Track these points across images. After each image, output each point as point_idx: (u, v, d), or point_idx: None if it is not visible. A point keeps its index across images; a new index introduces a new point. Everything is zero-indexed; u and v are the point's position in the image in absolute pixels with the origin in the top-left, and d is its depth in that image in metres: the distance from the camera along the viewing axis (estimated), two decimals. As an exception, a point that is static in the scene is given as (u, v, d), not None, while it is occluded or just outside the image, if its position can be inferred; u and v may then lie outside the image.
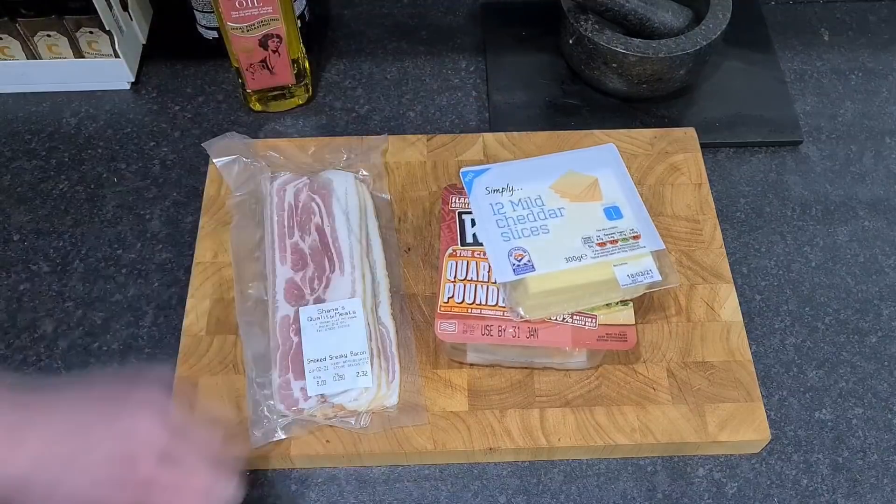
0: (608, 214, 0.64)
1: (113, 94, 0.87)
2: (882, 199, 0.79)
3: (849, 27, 0.92)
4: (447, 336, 0.61)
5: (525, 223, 0.63)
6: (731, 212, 0.78)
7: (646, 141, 0.79)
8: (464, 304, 0.62)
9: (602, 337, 0.61)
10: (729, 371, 0.66)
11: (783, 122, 0.83)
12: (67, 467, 0.46)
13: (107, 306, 0.72)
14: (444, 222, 0.67)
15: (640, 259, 0.61)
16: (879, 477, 0.64)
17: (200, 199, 0.76)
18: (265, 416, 0.62)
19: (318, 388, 0.62)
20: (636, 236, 0.62)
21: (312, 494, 0.63)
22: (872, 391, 0.68)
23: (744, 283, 0.73)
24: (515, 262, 0.61)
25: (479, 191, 0.66)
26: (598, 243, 0.62)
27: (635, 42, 0.77)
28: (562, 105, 0.85)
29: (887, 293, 0.73)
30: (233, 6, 0.73)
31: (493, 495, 0.63)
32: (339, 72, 0.89)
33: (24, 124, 0.85)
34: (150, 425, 0.49)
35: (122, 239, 0.76)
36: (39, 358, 0.70)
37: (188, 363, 0.66)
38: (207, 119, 0.85)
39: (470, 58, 0.90)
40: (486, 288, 0.63)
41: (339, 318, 0.65)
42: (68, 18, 0.81)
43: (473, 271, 0.63)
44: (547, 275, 0.60)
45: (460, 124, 0.85)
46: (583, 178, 0.66)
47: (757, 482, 0.63)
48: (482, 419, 0.63)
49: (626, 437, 0.62)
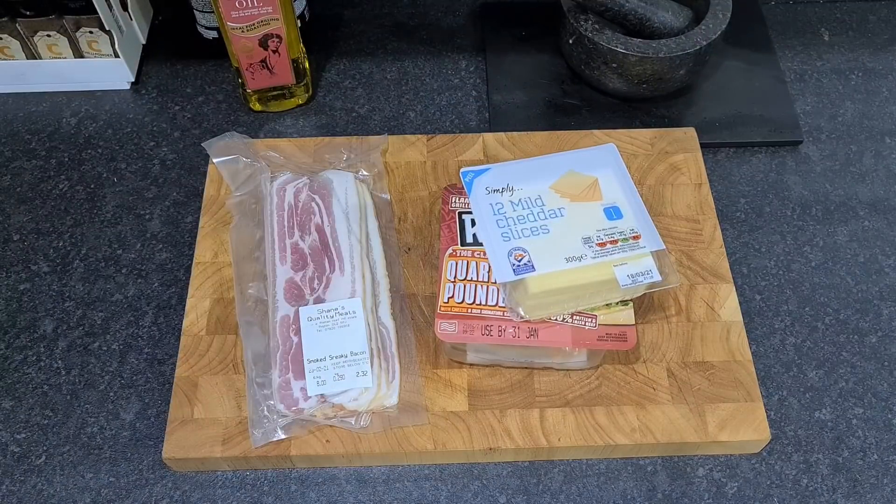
0: (608, 214, 0.64)
1: (113, 94, 0.87)
2: (882, 199, 0.79)
3: (849, 27, 0.92)
4: (447, 336, 0.61)
5: (525, 223, 0.63)
6: (731, 212, 0.78)
7: (646, 141, 0.79)
8: (464, 304, 0.62)
9: (602, 337, 0.61)
10: (729, 371, 0.66)
11: (783, 122, 0.83)
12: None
13: (107, 306, 0.72)
14: (444, 222, 0.67)
15: (640, 259, 0.61)
16: (879, 477, 0.64)
17: (200, 199, 0.76)
18: (265, 416, 0.62)
19: (317, 388, 0.62)
20: (636, 236, 0.62)
21: (312, 494, 0.63)
22: (872, 391, 0.68)
23: (744, 283, 0.73)
24: (515, 262, 0.61)
25: (480, 191, 0.66)
26: (598, 243, 0.62)
27: (635, 42, 0.77)
28: (562, 105, 0.85)
29: (887, 293, 0.73)
30: (233, 6, 0.73)
31: (493, 495, 0.63)
32: (339, 72, 0.89)
33: (24, 124, 0.85)
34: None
35: (122, 239, 0.76)
36: (39, 358, 0.70)
37: (188, 363, 0.66)
38: (207, 119, 0.85)
39: (470, 58, 0.90)
40: (486, 288, 0.63)
41: (339, 318, 0.65)
42: (68, 18, 0.81)
43: (473, 271, 0.63)
44: (547, 275, 0.60)
45: (460, 124, 0.85)
46: (583, 178, 0.66)
47: (757, 482, 0.63)
48: (482, 419, 0.63)
49: (626, 437, 0.62)
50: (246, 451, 0.62)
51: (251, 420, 0.62)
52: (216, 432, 0.63)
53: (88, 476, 0.64)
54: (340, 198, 0.72)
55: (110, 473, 0.64)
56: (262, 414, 0.62)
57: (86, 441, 0.65)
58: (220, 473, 0.64)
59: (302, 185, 0.72)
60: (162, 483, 0.63)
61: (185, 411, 0.64)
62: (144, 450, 0.65)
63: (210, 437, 0.62)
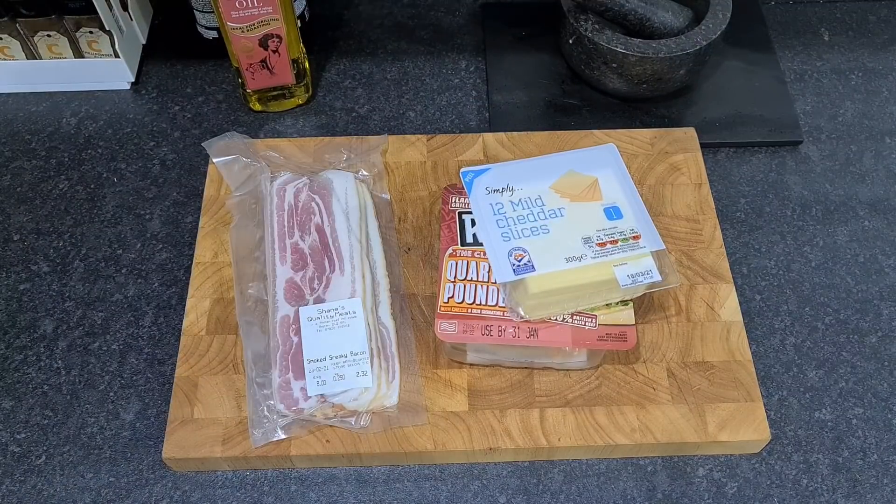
0: (608, 214, 0.64)
1: (113, 94, 0.87)
2: (882, 199, 0.79)
3: (849, 27, 0.92)
4: (447, 336, 0.61)
5: (525, 223, 0.63)
6: (731, 212, 0.78)
7: (646, 141, 0.79)
8: (464, 304, 0.62)
9: (602, 337, 0.61)
10: (729, 371, 0.66)
11: (783, 122, 0.83)
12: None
13: (107, 306, 0.72)
14: (444, 222, 0.67)
15: (640, 259, 0.61)
16: (879, 477, 0.64)
17: (200, 199, 0.76)
18: (265, 416, 0.62)
19: (317, 387, 0.62)
20: (636, 236, 0.62)
21: (312, 494, 0.63)
22: (872, 391, 0.68)
23: (744, 283, 0.73)
24: (515, 262, 0.61)
25: (480, 191, 0.66)
26: (598, 243, 0.62)
27: (635, 42, 0.77)
28: (562, 105, 0.85)
29: (887, 293, 0.73)
30: (233, 6, 0.73)
31: (493, 495, 0.63)
32: (339, 72, 0.89)
33: (24, 124, 0.85)
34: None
35: (122, 239, 0.76)
36: (39, 358, 0.70)
37: (188, 363, 0.66)
38: (207, 119, 0.85)
39: (470, 58, 0.90)
40: (486, 288, 0.63)
41: (339, 318, 0.65)
42: (68, 18, 0.81)
43: (473, 271, 0.63)
44: (547, 275, 0.60)
45: (460, 124, 0.85)
46: (583, 178, 0.66)
47: (757, 482, 0.63)
48: (482, 419, 0.63)
49: (626, 436, 0.62)
50: (246, 451, 0.62)
51: (251, 420, 0.62)
52: (216, 432, 0.63)
53: (88, 476, 0.64)
54: (340, 198, 0.72)
55: (110, 473, 0.64)
56: (262, 414, 0.62)
57: (86, 441, 0.65)
58: (220, 473, 0.64)
59: (302, 185, 0.72)
60: (162, 483, 0.63)
61: (185, 411, 0.64)
62: (144, 450, 0.65)
63: (210, 437, 0.62)
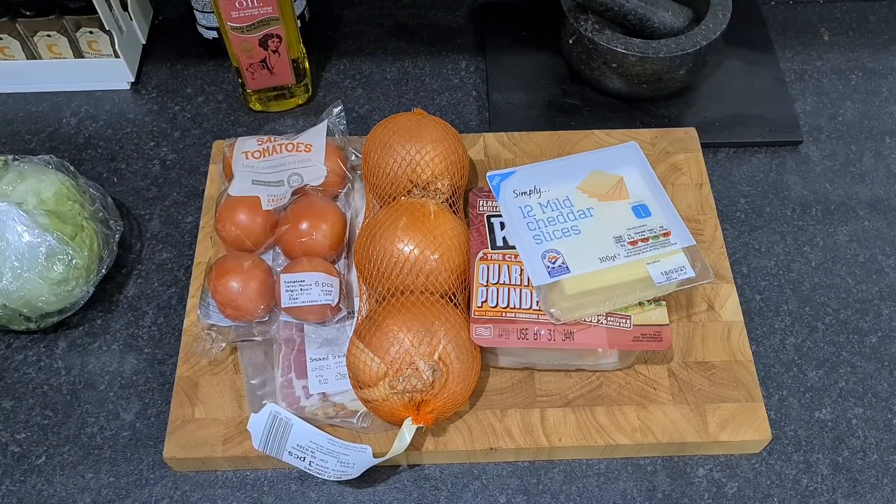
0: (636, 212, 0.63)
1: (113, 94, 0.87)
2: (882, 199, 0.79)
3: (849, 27, 0.92)
4: (482, 340, 0.60)
5: (555, 225, 0.63)
6: (731, 212, 0.78)
7: (646, 141, 0.79)
8: (497, 308, 0.61)
9: (637, 338, 0.60)
10: (729, 371, 0.66)
11: (783, 122, 0.83)
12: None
13: (107, 306, 0.72)
14: (472, 226, 0.66)
15: (672, 256, 0.61)
16: (879, 477, 0.64)
17: (200, 199, 0.76)
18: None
19: (320, 386, 0.62)
20: (666, 233, 0.62)
21: (312, 494, 0.63)
22: (872, 391, 0.68)
23: (744, 283, 0.73)
24: (550, 264, 0.60)
25: (507, 194, 0.65)
26: (629, 242, 0.61)
27: (635, 42, 0.77)
28: (562, 105, 0.85)
29: (887, 293, 0.73)
30: (233, 6, 0.73)
31: (493, 495, 0.63)
32: (339, 72, 0.89)
33: (24, 124, 0.85)
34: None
35: (122, 239, 0.76)
36: (39, 358, 0.70)
37: (189, 363, 0.66)
38: (207, 119, 0.85)
39: (470, 58, 0.90)
40: (518, 291, 0.62)
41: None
42: (68, 18, 0.81)
43: (506, 275, 0.63)
44: (583, 276, 0.60)
45: (460, 124, 0.85)
46: (608, 177, 0.66)
47: (757, 482, 0.63)
48: (483, 419, 0.63)
49: (626, 436, 0.62)
50: (246, 451, 0.62)
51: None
52: (217, 432, 0.63)
53: (88, 476, 0.64)
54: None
55: (110, 473, 0.64)
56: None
57: (86, 441, 0.65)
58: (221, 473, 0.64)
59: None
60: (162, 483, 0.63)
61: (185, 411, 0.64)
62: (144, 450, 0.65)
63: (211, 436, 0.62)
